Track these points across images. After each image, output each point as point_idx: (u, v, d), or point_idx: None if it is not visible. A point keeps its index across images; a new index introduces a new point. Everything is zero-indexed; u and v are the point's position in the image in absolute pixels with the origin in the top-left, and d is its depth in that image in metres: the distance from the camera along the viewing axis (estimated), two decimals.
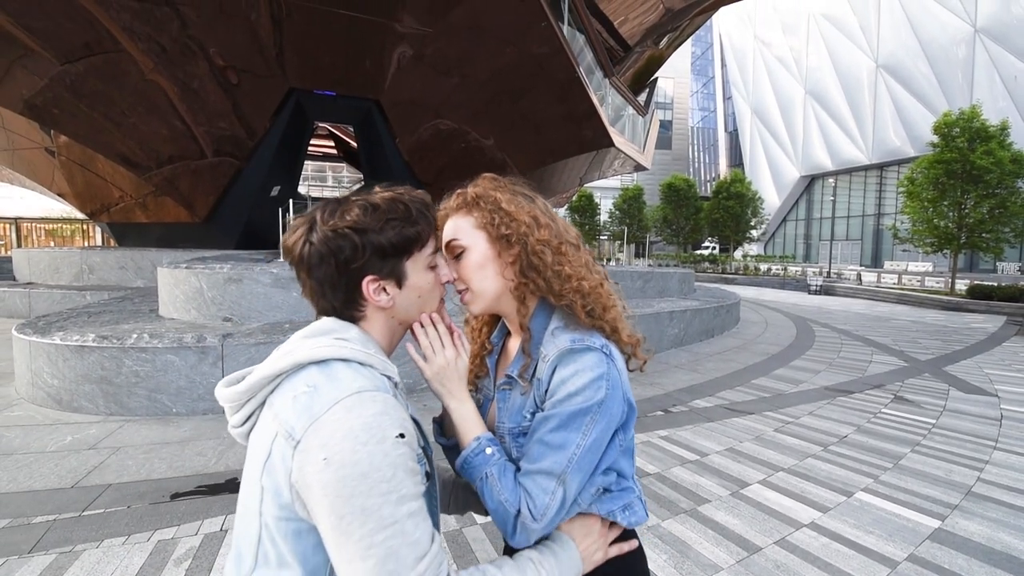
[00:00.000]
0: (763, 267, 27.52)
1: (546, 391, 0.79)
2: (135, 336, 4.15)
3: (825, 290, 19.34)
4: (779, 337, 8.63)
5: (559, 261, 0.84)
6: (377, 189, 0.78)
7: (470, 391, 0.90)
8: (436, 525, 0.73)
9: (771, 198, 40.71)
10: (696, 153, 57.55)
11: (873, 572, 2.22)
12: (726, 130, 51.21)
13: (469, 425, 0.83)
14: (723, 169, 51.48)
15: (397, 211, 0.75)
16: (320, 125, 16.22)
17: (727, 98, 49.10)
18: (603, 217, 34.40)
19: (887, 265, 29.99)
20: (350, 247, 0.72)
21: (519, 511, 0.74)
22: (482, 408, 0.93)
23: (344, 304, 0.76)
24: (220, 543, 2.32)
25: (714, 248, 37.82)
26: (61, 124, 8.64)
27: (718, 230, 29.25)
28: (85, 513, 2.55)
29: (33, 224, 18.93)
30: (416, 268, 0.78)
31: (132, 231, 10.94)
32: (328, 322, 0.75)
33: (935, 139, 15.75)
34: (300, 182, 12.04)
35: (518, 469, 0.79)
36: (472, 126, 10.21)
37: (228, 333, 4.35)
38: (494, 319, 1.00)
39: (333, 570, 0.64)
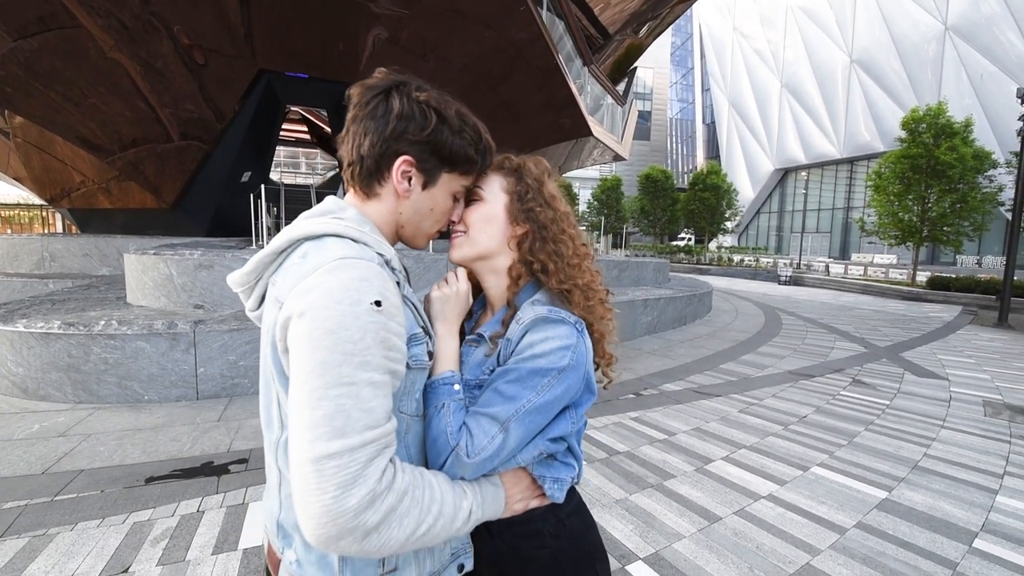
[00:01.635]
0: (736, 258, 28.23)
1: (512, 351, 0.80)
2: (103, 323, 4.05)
3: (794, 281, 19.99)
4: (748, 325, 8.92)
5: (577, 253, 0.89)
6: (460, 102, 0.82)
7: None
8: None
9: (746, 190, 41.59)
10: (674, 144, 58.17)
11: (823, 538, 2.38)
12: (704, 122, 51.87)
13: (450, 356, 0.84)
14: (700, 161, 52.25)
15: (475, 134, 0.79)
16: (292, 109, 15.80)
17: (705, 90, 49.65)
18: (582, 207, 34.62)
19: (854, 257, 31.11)
20: (420, 123, 0.73)
21: (457, 444, 0.75)
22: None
23: (370, 169, 0.76)
24: (198, 523, 2.34)
25: (690, 239, 38.56)
26: (15, 104, 8.23)
27: (694, 221, 29.78)
28: (57, 498, 2.52)
29: None
30: (446, 185, 0.81)
31: (95, 217, 10.54)
32: (329, 202, 0.78)
33: (903, 134, 16.32)
34: (272, 168, 11.77)
35: None
36: None
37: (200, 320, 4.29)
38: (477, 291, 1.00)
39: None
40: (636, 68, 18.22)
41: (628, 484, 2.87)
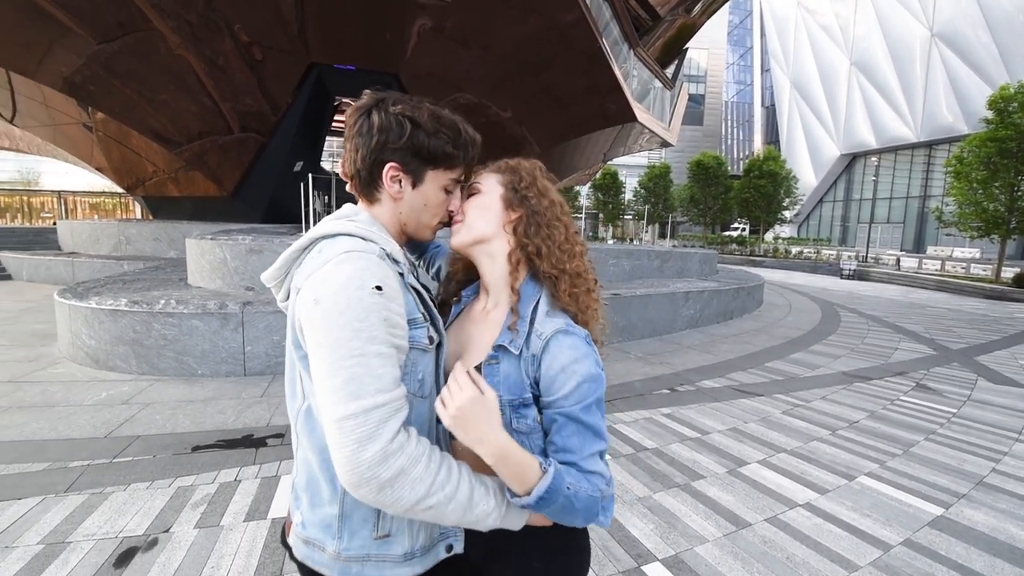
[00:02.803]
0: (794, 250, 26.57)
1: (539, 366, 0.83)
2: (163, 302, 4.38)
3: (859, 275, 18.61)
4: (801, 321, 8.41)
5: (569, 240, 0.93)
6: (439, 104, 0.89)
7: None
8: (438, 389, 0.86)
9: (808, 177, 39.01)
10: (730, 129, 55.35)
11: (863, 553, 2.22)
12: (763, 105, 48.93)
13: (521, 459, 0.77)
14: (758, 146, 49.43)
15: (452, 132, 0.87)
16: (344, 101, 16.31)
17: (765, 70, 46.73)
18: (628, 196, 33.69)
19: (930, 250, 28.55)
20: (398, 132, 0.83)
21: (600, 493, 0.81)
22: (448, 323, 1.01)
23: (366, 179, 0.87)
24: (234, 492, 2.49)
25: (743, 229, 36.63)
26: (97, 101, 8.97)
27: (748, 211, 28.27)
28: (115, 460, 2.77)
29: (77, 197, 19.87)
30: (434, 181, 0.89)
31: (166, 204, 11.38)
32: (346, 208, 0.90)
33: (990, 115, 14.69)
34: (324, 157, 12.22)
35: (544, 447, 0.85)
36: (492, 100, 10.08)
37: (248, 301, 4.54)
38: (471, 275, 1.03)
39: None
40: (687, 50, 17.38)
41: (653, 482, 2.79)
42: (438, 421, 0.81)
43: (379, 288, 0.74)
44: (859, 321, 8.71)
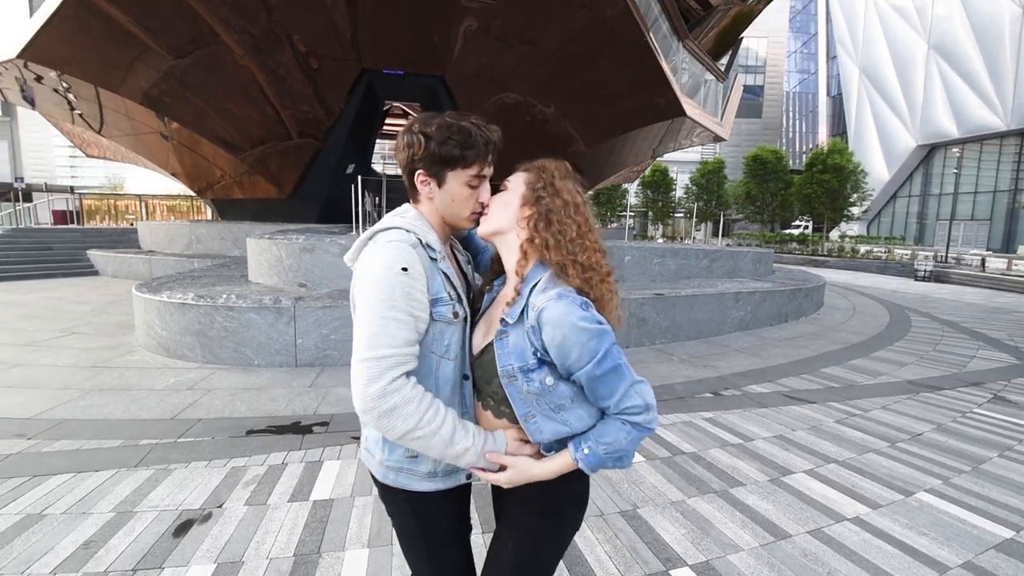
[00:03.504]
0: (863, 249, 24.74)
1: (540, 337, 0.94)
2: (225, 297, 4.73)
3: (936, 276, 17.08)
4: (866, 325, 7.84)
5: (581, 235, 1.03)
6: (461, 115, 1.06)
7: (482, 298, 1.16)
8: (463, 356, 1.07)
9: (879, 171, 36.20)
10: (791, 121, 52.38)
11: (915, 573, 2.06)
12: (828, 94, 45.87)
13: (558, 466, 1.00)
14: (823, 138, 46.41)
15: (460, 134, 1.02)
16: (393, 104, 16.82)
17: (831, 58, 43.76)
18: (679, 193, 32.61)
19: (1021, 250, 25.73)
20: (417, 146, 1.03)
21: (639, 425, 0.96)
22: (484, 308, 1.15)
23: (408, 185, 1.10)
24: (281, 473, 2.67)
25: (806, 227, 34.43)
26: (172, 111, 9.77)
27: (810, 207, 26.60)
28: (179, 440, 3.03)
29: (156, 200, 21.74)
30: (455, 180, 1.06)
31: (231, 206, 12.23)
32: (401, 207, 1.13)
33: None
34: (375, 160, 12.69)
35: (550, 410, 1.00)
36: (538, 98, 10.07)
37: (300, 297, 4.81)
38: (503, 268, 1.14)
39: None
40: (742, 39, 16.59)
41: (688, 487, 2.71)
42: (464, 377, 1.08)
43: (405, 269, 0.96)
44: (932, 326, 8.01)
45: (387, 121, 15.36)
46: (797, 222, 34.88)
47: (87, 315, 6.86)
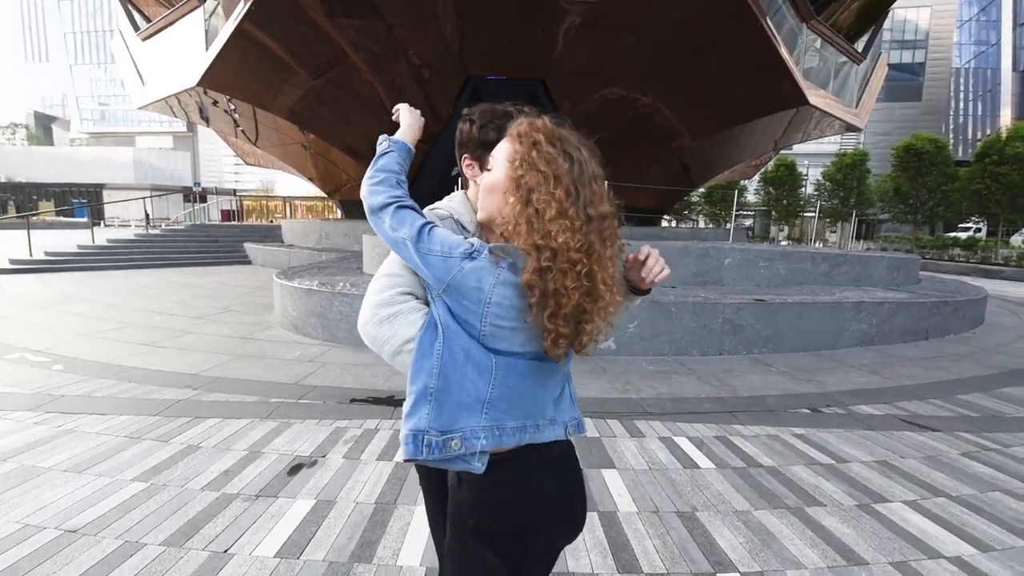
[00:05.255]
0: None
1: None
2: (341, 285, 5.46)
3: None
4: None
5: (562, 212, 0.85)
6: (513, 104, 1.15)
7: None
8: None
9: None
10: (962, 103, 43.93)
11: None
12: (1016, 69, 37.61)
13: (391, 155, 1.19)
14: (1005, 123, 38.21)
15: (501, 118, 1.11)
16: None
17: (1020, 25, 35.79)
18: (808, 189, 29.21)
19: None
20: (463, 132, 1.17)
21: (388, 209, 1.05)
22: None
23: (460, 170, 1.22)
24: (373, 437, 3.11)
25: (978, 230, 28.61)
26: (311, 124, 11.33)
27: (981, 206, 22.18)
28: (299, 401, 3.65)
29: (298, 201, 25.22)
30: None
31: (355, 206, 13.77)
32: (455, 192, 1.26)
33: None
34: None
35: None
36: (642, 92, 9.85)
37: None
38: None
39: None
40: (889, 13, 14.42)
41: (758, 499, 2.59)
42: None
43: None
44: None
45: None
46: (968, 224, 29.16)
47: (241, 296, 8.32)
